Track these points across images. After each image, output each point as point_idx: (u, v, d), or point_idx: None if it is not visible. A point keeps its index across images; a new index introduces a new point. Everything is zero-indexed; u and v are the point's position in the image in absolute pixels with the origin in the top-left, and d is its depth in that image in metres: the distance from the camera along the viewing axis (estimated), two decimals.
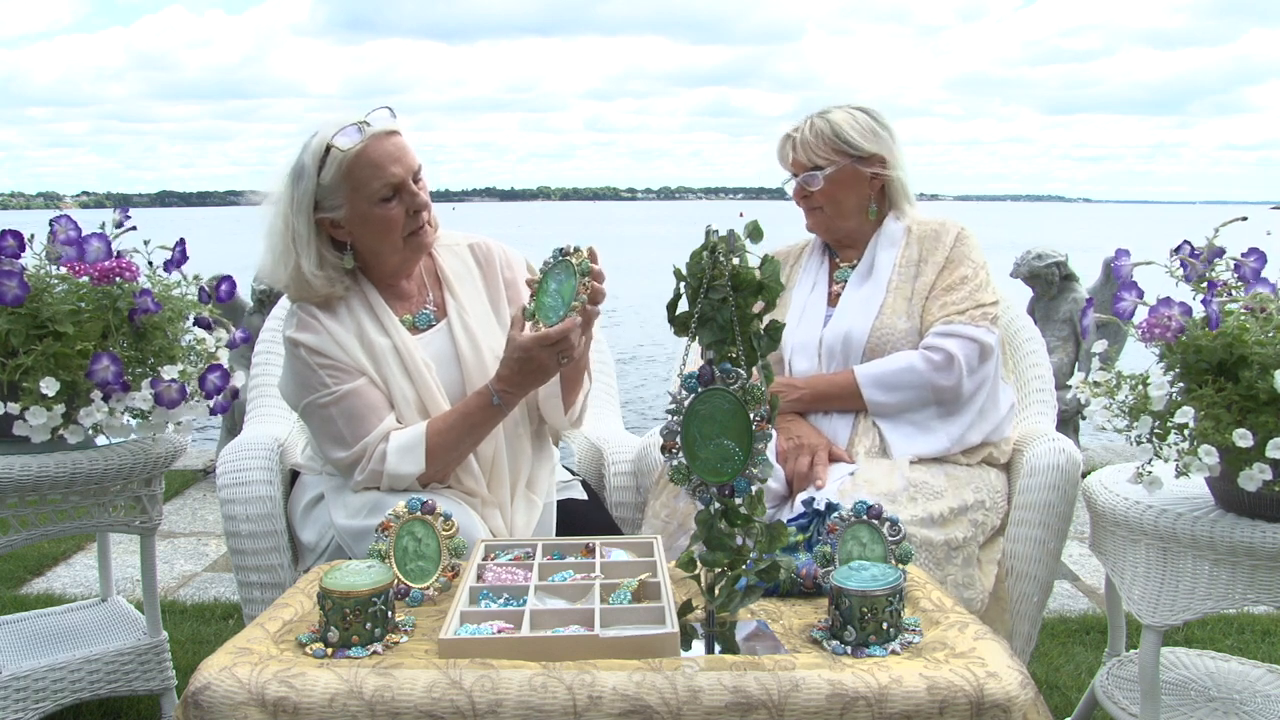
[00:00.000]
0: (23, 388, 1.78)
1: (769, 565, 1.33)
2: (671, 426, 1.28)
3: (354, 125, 1.81)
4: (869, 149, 2.12)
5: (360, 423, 1.83)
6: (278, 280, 1.89)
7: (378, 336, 1.88)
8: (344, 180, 1.81)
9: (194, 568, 3.54)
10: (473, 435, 1.84)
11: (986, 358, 2.04)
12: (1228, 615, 2.91)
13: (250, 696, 1.15)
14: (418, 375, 1.88)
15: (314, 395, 1.85)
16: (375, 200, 1.82)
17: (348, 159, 1.79)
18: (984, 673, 1.18)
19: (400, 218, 1.85)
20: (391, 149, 1.82)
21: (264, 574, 1.97)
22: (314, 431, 1.91)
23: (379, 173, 1.80)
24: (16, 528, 1.89)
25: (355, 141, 1.80)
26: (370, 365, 1.86)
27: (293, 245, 1.85)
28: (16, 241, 1.84)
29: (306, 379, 1.86)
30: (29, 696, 1.96)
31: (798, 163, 2.15)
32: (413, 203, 1.84)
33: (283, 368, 1.94)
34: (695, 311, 1.28)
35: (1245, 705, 1.92)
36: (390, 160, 1.81)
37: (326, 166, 1.81)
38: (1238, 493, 1.56)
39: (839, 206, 2.15)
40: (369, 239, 1.87)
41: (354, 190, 1.81)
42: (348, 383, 1.84)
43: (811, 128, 2.13)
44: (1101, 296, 4.40)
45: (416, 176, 1.86)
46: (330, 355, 1.85)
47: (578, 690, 1.14)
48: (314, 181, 1.82)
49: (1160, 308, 1.61)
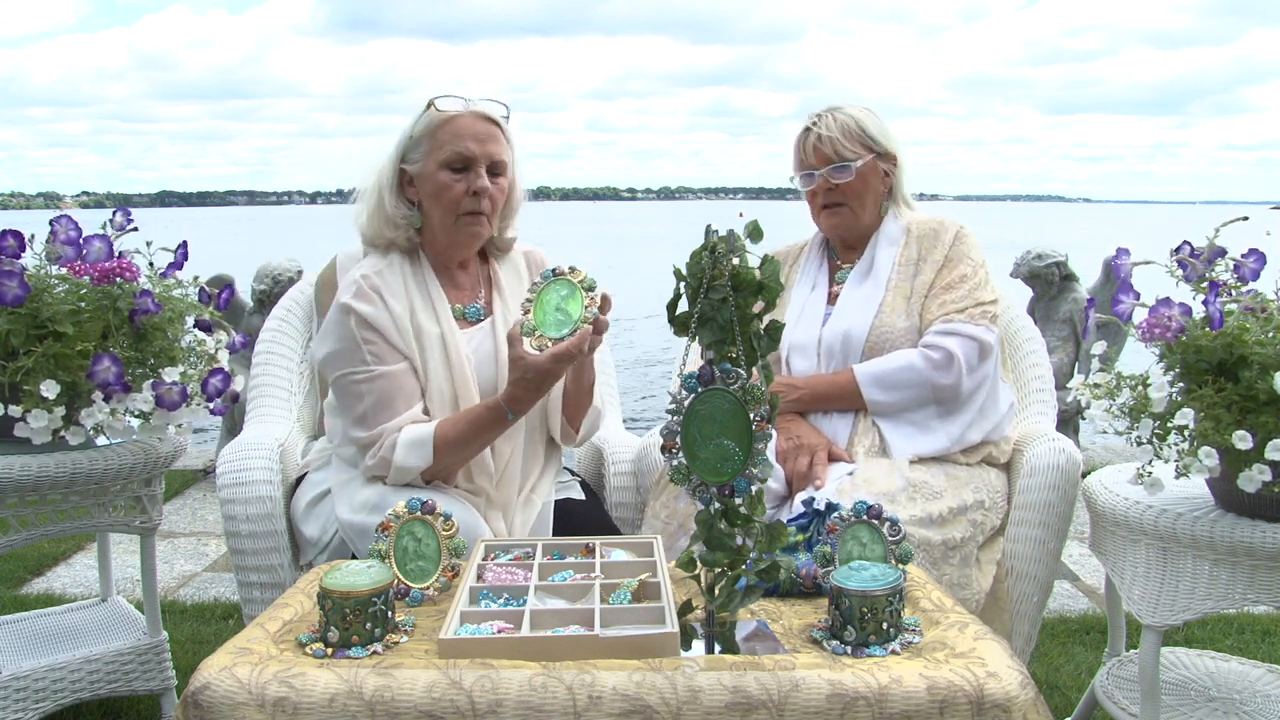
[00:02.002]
0: (23, 390, 1.78)
1: (769, 565, 1.33)
2: (671, 426, 1.28)
3: (463, 98, 1.92)
4: (886, 146, 2.13)
5: (386, 409, 1.85)
6: (359, 216, 1.98)
7: (428, 323, 1.91)
8: (429, 137, 1.90)
9: (194, 568, 3.54)
10: (480, 441, 1.86)
11: (986, 356, 2.04)
12: (1228, 615, 2.91)
13: (250, 696, 1.15)
14: (458, 368, 1.90)
15: (351, 369, 1.87)
16: (444, 165, 1.89)
17: (439, 119, 1.90)
18: (984, 673, 1.18)
19: (460, 193, 1.89)
20: (480, 129, 1.90)
21: (264, 574, 1.97)
22: (340, 405, 1.92)
23: (458, 141, 1.88)
24: (16, 528, 1.89)
25: (453, 108, 1.91)
26: (416, 351, 1.89)
27: (379, 186, 1.95)
28: (16, 241, 1.83)
29: (349, 350, 1.87)
30: (29, 696, 1.96)
31: (822, 156, 2.11)
32: (476, 184, 1.89)
33: (323, 330, 1.95)
34: (695, 311, 1.28)
35: (1245, 705, 1.92)
36: (472, 136, 1.89)
37: (420, 120, 1.92)
38: (1238, 493, 1.56)
39: (863, 202, 2.14)
40: (429, 204, 1.93)
41: (431, 150, 1.90)
42: (386, 365, 1.86)
43: (836, 121, 2.10)
44: (1101, 296, 4.40)
45: (495, 170, 1.92)
46: (381, 331, 1.87)
47: (578, 690, 1.14)
48: (409, 132, 1.93)
49: (1160, 308, 1.61)
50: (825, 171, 2.11)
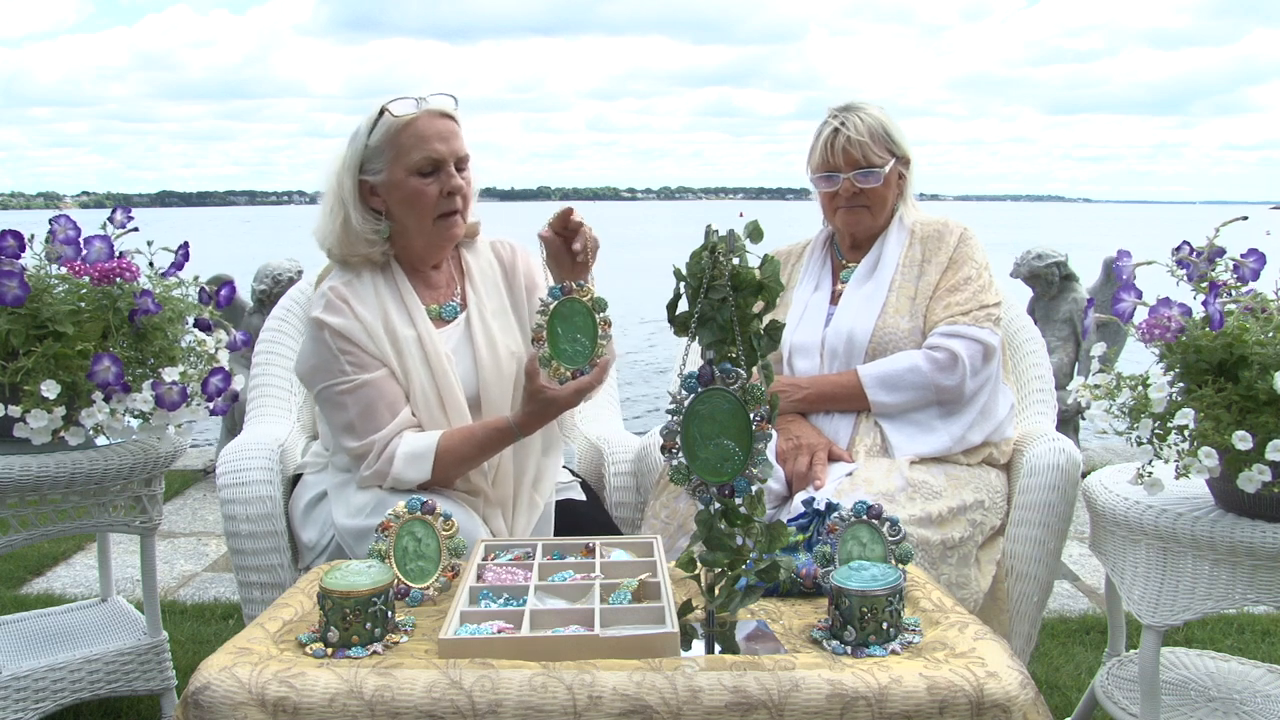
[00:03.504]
0: (24, 390, 1.78)
1: (769, 565, 1.33)
2: (671, 426, 1.28)
3: (413, 99, 1.87)
4: (904, 149, 2.14)
5: (374, 416, 1.84)
6: (325, 237, 1.93)
7: (403, 327, 1.89)
8: (389, 145, 1.86)
9: (194, 568, 3.54)
10: (483, 456, 1.86)
11: (989, 358, 2.05)
12: (1228, 615, 2.91)
13: (250, 696, 1.15)
14: (439, 368, 1.89)
15: (332, 381, 1.86)
16: (413, 171, 1.86)
17: (397, 125, 1.85)
18: (984, 673, 1.18)
19: (434, 196, 1.87)
20: (441, 128, 1.87)
21: (264, 574, 1.97)
22: (327, 417, 1.92)
23: (423, 145, 1.85)
24: (16, 528, 1.89)
25: (408, 111, 1.86)
26: (393, 357, 1.88)
27: (341, 202, 1.90)
28: (16, 241, 1.83)
29: (327, 363, 1.87)
30: (29, 696, 1.96)
31: (851, 159, 2.09)
32: (449, 184, 1.87)
33: (302, 347, 1.95)
34: (695, 311, 1.28)
35: (1245, 705, 1.92)
36: (437, 137, 1.86)
37: (377, 129, 1.87)
38: (1238, 493, 1.56)
39: (884, 205, 2.14)
40: (400, 211, 1.90)
41: (396, 157, 1.85)
42: (367, 373, 1.85)
43: (864, 124, 2.09)
44: (1101, 296, 4.40)
45: (460, 165, 1.89)
46: (355, 341, 1.86)
47: (578, 690, 1.14)
48: (364, 142, 1.88)
49: (1160, 308, 1.61)
50: (853, 175, 2.10)
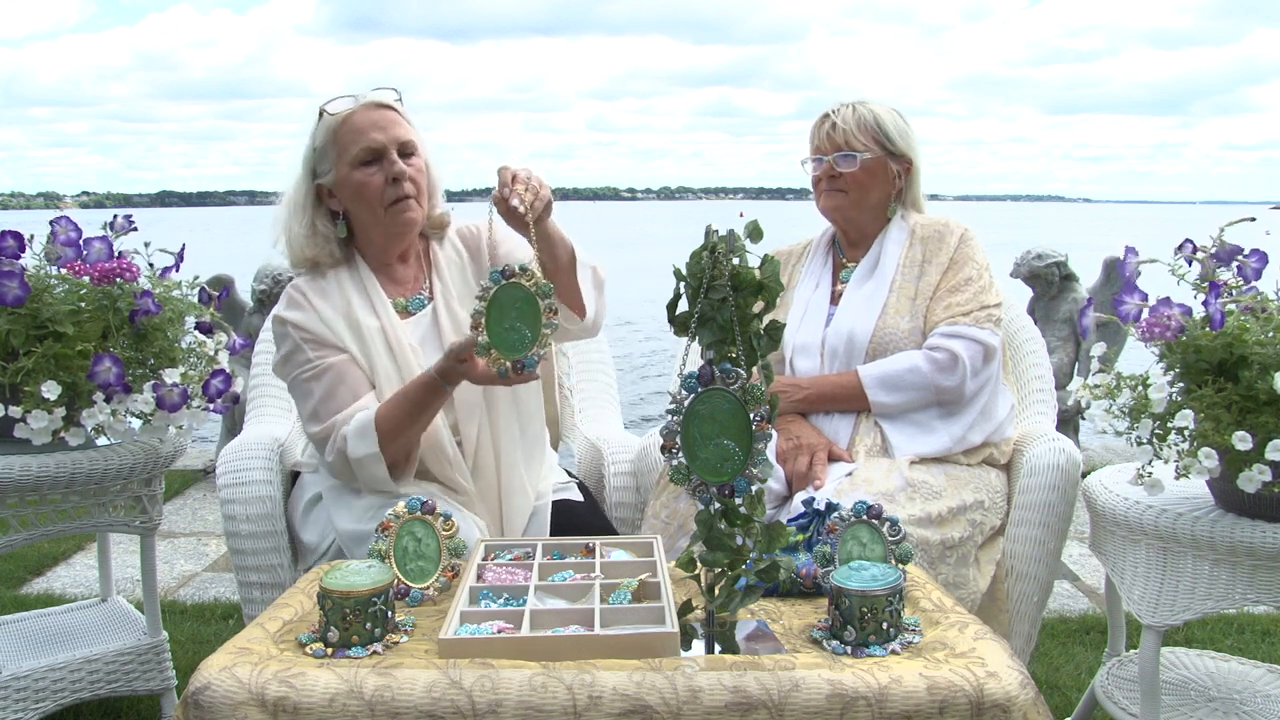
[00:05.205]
0: (24, 390, 1.78)
1: (769, 565, 1.33)
2: (671, 426, 1.28)
3: (351, 96, 1.90)
4: (901, 148, 2.15)
5: (335, 399, 1.85)
6: (289, 247, 1.97)
7: (366, 317, 1.91)
8: (331, 144, 1.89)
9: (194, 568, 3.54)
10: (420, 413, 1.80)
11: (990, 359, 2.05)
12: (1228, 615, 2.91)
13: (250, 696, 1.15)
14: (403, 359, 1.90)
15: (298, 370, 1.89)
16: (355, 164, 1.88)
17: (335, 123, 1.89)
18: (984, 673, 1.18)
19: (379, 185, 1.88)
20: (377, 117, 1.89)
21: (264, 574, 1.97)
22: (298, 408, 1.95)
23: (360, 137, 1.87)
24: (16, 528, 1.89)
25: (344, 108, 1.89)
26: (354, 344, 1.89)
27: (301, 207, 1.94)
28: (16, 242, 1.84)
29: (292, 354, 1.91)
30: (29, 696, 1.96)
31: (833, 142, 2.14)
32: (392, 170, 1.87)
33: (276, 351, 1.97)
34: (695, 311, 1.28)
35: (1245, 705, 1.92)
36: (373, 127, 1.88)
37: (319, 131, 1.91)
38: (1238, 493, 1.56)
39: (864, 195, 2.15)
40: (354, 206, 1.92)
41: (339, 154, 1.88)
42: (330, 358, 1.88)
43: (854, 112, 2.14)
44: (1101, 296, 4.40)
45: (405, 151, 1.90)
46: (314, 331, 1.89)
47: (578, 690, 1.14)
48: (310, 145, 1.92)
49: (1160, 308, 1.61)
50: (832, 157, 2.14)
